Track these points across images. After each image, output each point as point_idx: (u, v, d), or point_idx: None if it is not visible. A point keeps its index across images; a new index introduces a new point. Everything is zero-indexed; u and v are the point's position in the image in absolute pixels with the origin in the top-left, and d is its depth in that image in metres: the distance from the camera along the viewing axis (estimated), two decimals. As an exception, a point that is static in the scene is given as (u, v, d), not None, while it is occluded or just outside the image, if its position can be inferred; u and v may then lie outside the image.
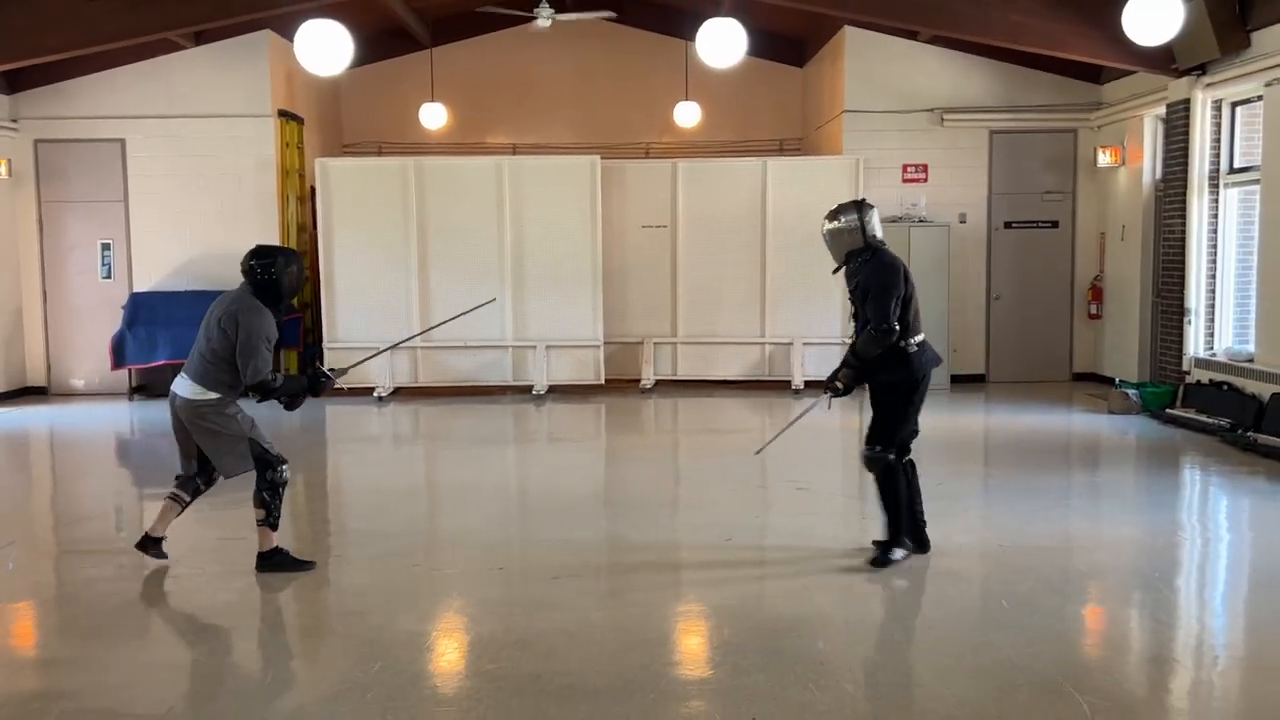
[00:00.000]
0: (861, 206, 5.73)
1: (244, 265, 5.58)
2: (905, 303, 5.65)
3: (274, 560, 5.66)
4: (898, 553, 5.71)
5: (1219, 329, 10.55)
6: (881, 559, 5.72)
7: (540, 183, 12.61)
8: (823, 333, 12.79)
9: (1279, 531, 6.74)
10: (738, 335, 12.95)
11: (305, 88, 13.58)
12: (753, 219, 12.80)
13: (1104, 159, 12.46)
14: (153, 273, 12.78)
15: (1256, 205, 9.91)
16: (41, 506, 8.10)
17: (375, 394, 12.33)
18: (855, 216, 5.68)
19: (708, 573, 5.82)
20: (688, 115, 14.14)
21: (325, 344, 12.69)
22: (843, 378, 5.78)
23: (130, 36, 11.04)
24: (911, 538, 5.81)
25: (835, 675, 4.31)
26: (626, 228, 12.95)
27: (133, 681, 4.35)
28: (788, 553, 6.16)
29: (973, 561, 6.03)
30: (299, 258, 5.74)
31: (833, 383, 5.81)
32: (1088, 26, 10.57)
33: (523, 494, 8.47)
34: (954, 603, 5.26)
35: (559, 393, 12.45)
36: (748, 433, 10.64)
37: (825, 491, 7.76)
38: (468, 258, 12.53)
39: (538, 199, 12.56)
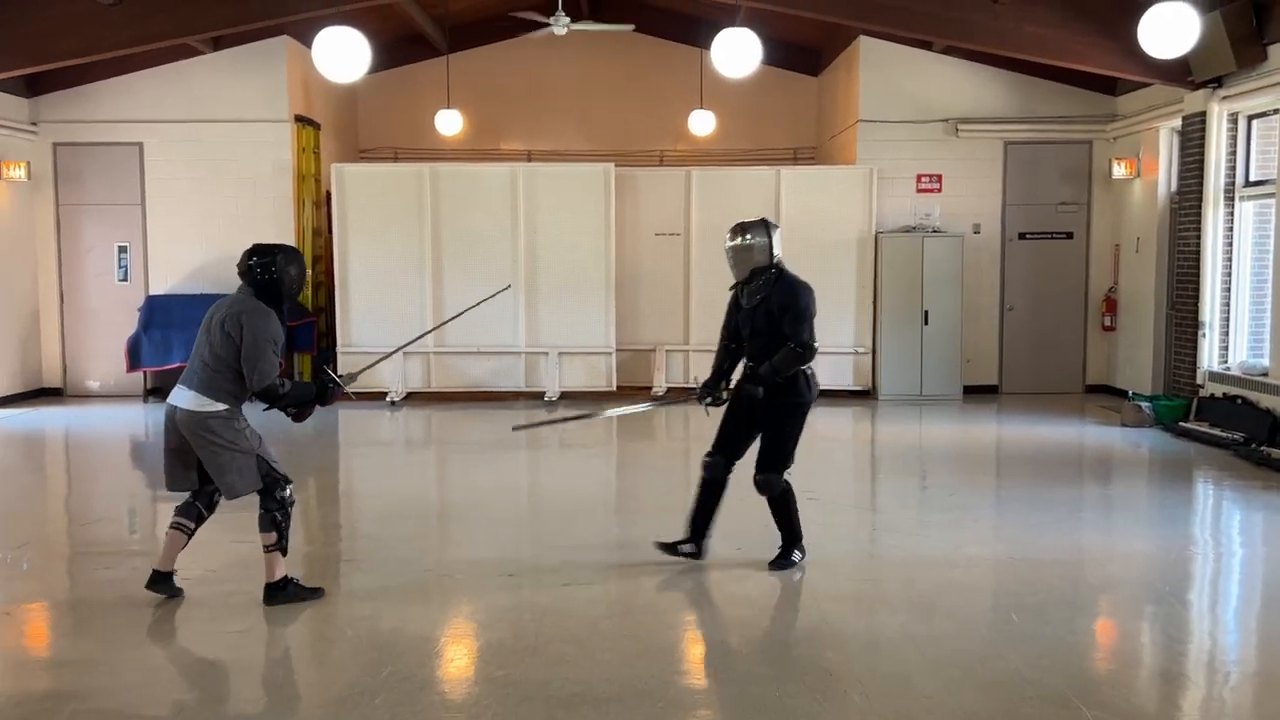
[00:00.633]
0: (769, 226, 5.80)
1: (242, 265, 5.24)
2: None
3: (286, 592, 5.29)
4: (797, 554, 5.90)
5: (1233, 342, 10.51)
6: (785, 562, 5.88)
7: (554, 190, 12.65)
8: (835, 342, 12.76)
9: (1292, 547, 6.71)
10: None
11: (322, 93, 13.65)
12: (766, 228, 12.78)
13: (1119, 171, 12.43)
14: (169, 276, 12.86)
15: (1272, 218, 9.89)
16: (55, 508, 8.15)
17: (388, 399, 12.37)
18: (764, 236, 5.73)
19: (717, 581, 5.82)
20: (702, 124, 14.16)
21: (339, 348, 12.74)
22: (749, 390, 5.71)
23: (149, 41, 11.13)
24: (699, 540, 6.00)
25: (844, 686, 4.31)
26: (640, 235, 12.97)
27: (144, 683, 4.38)
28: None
29: (983, 573, 6.02)
30: (299, 255, 5.45)
31: (745, 386, 5.74)
32: (1104, 38, 10.56)
33: (533, 500, 8.49)
34: (964, 615, 5.25)
35: (571, 399, 12.47)
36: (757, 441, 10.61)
37: (835, 502, 7.75)
38: (482, 264, 12.57)
39: (552, 206, 12.60)
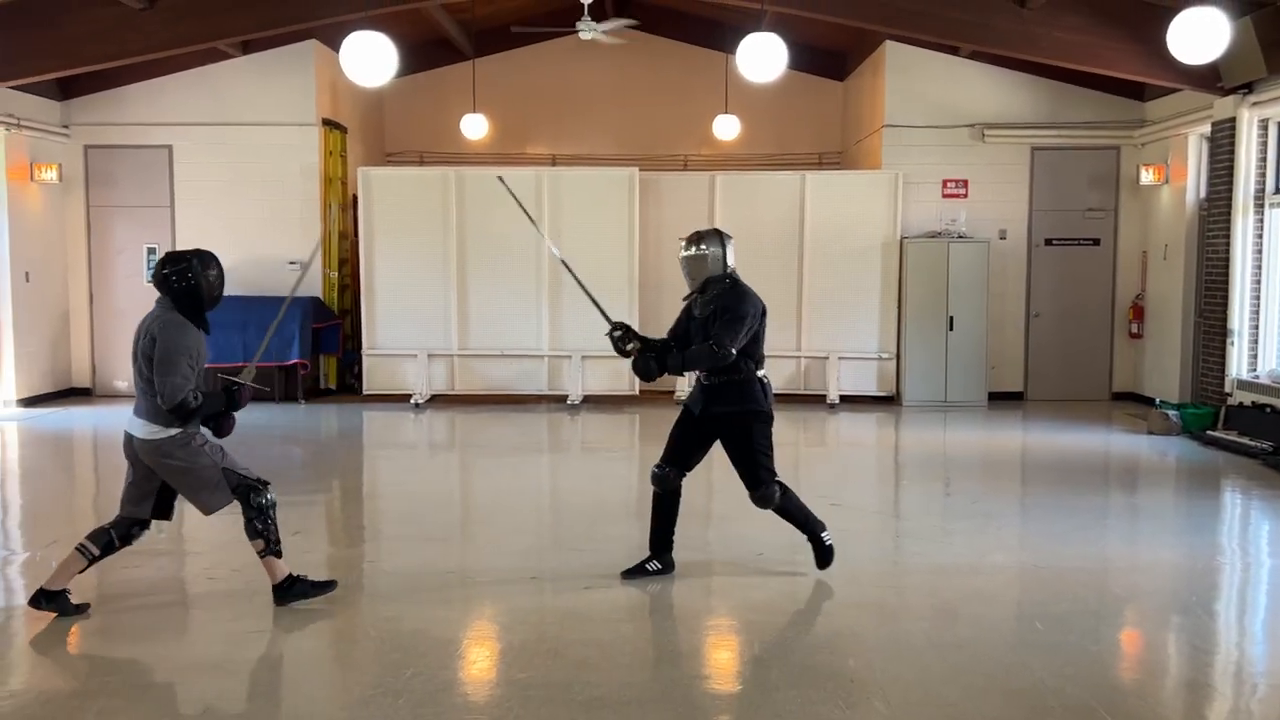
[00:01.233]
0: (722, 236, 5.79)
1: (156, 275, 5.07)
2: (757, 338, 5.79)
3: (293, 590, 5.25)
4: (826, 538, 5.86)
5: (1263, 350, 10.41)
6: (824, 555, 5.85)
7: (579, 194, 12.69)
8: (859, 348, 12.76)
9: (1321, 558, 6.63)
10: (773, 349, 12.66)
11: (349, 97, 13.74)
12: (791, 232, 12.79)
13: (1147, 177, 12.34)
14: (196, 277, 12.95)
15: (1303, 226, 9.79)
16: (83, 506, 8.23)
17: (412, 401, 12.43)
18: (718, 247, 5.75)
19: (739, 587, 5.82)
20: (727, 128, 14.16)
21: (364, 350, 12.83)
22: (642, 347, 5.73)
23: (180, 45, 11.24)
24: (663, 555, 5.88)
25: (866, 693, 4.30)
26: (663, 240, 12.96)
27: (170, 681, 4.42)
28: (819, 569, 6.15)
29: (1007, 582, 5.99)
30: (216, 260, 5.20)
31: (648, 355, 5.74)
32: (1132, 44, 10.49)
33: (556, 503, 8.50)
34: (987, 623, 5.22)
35: (593, 403, 12.49)
36: (781, 446, 10.59)
37: (858, 508, 7.73)
38: (506, 267, 12.62)
39: (576, 210, 12.64)
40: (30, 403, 12.26)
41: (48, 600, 5.15)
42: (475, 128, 14.07)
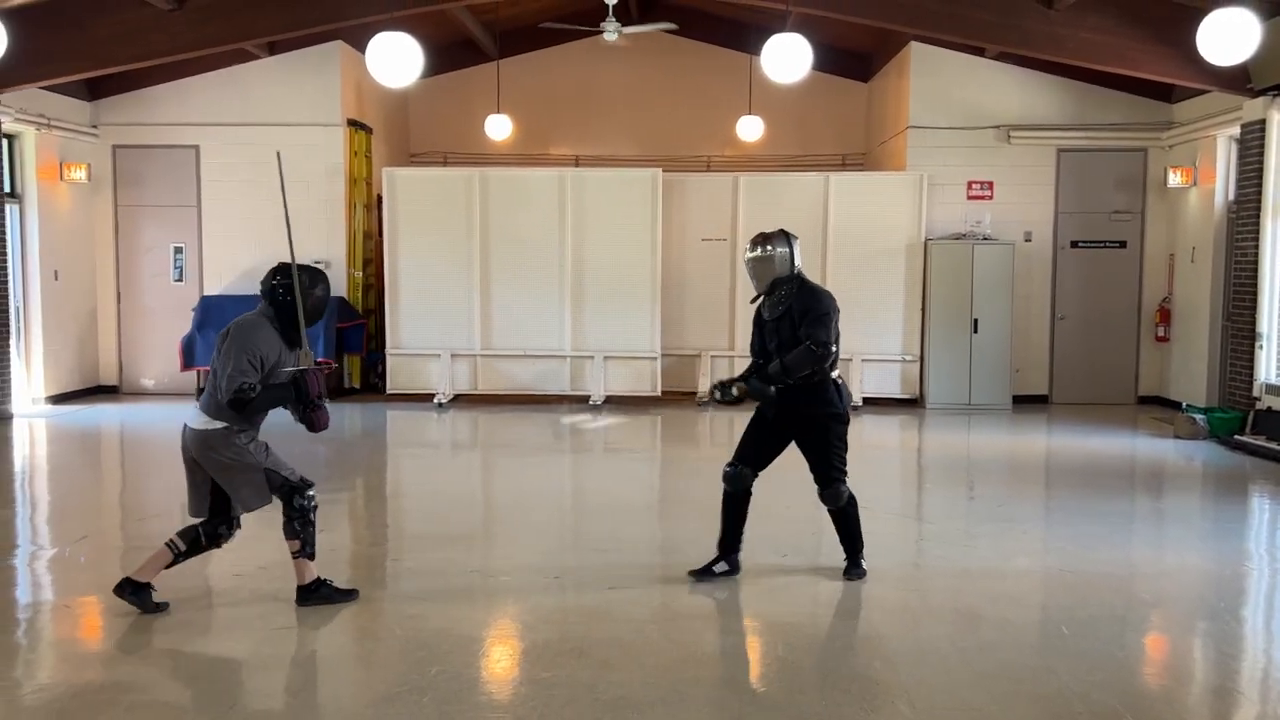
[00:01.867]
0: (789, 237, 5.76)
1: (265, 283, 5.18)
2: (836, 338, 5.70)
3: (318, 594, 5.30)
4: (858, 572, 5.83)
5: (1292, 355, 10.32)
6: (855, 571, 5.83)
7: (602, 195, 12.71)
8: (883, 350, 12.72)
9: (1351, 564, 6.56)
10: (796, 350, 12.89)
11: (374, 98, 13.81)
12: (814, 234, 12.74)
13: (1175, 179, 12.25)
14: (223, 276, 13.08)
15: (1333, 229, 9.69)
16: (111, 503, 8.31)
17: (435, 400, 12.48)
18: (785, 247, 5.70)
19: (762, 588, 5.80)
20: (750, 129, 14.14)
21: (388, 350, 12.89)
22: (755, 386, 5.70)
23: (207, 46, 11.34)
24: (731, 556, 5.88)
25: (890, 696, 4.29)
26: (687, 240, 12.99)
27: (198, 676, 4.45)
28: (843, 571, 6.13)
29: (1033, 586, 5.96)
30: (325, 279, 5.38)
31: (752, 380, 5.73)
32: (1161, 45, 10.42)
33: (579, 503, 8.51)
34: (1012, 627, 5.19)
35: (615, 403, 12.51)
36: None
37: (883, 510, 7.70)
38: (529, 268, 12.66)
39: (599, 211, 12.66)
40: (58, 400, 12.39)
41: (132, 591, 5.18)
42: (499, 129, 14.12)
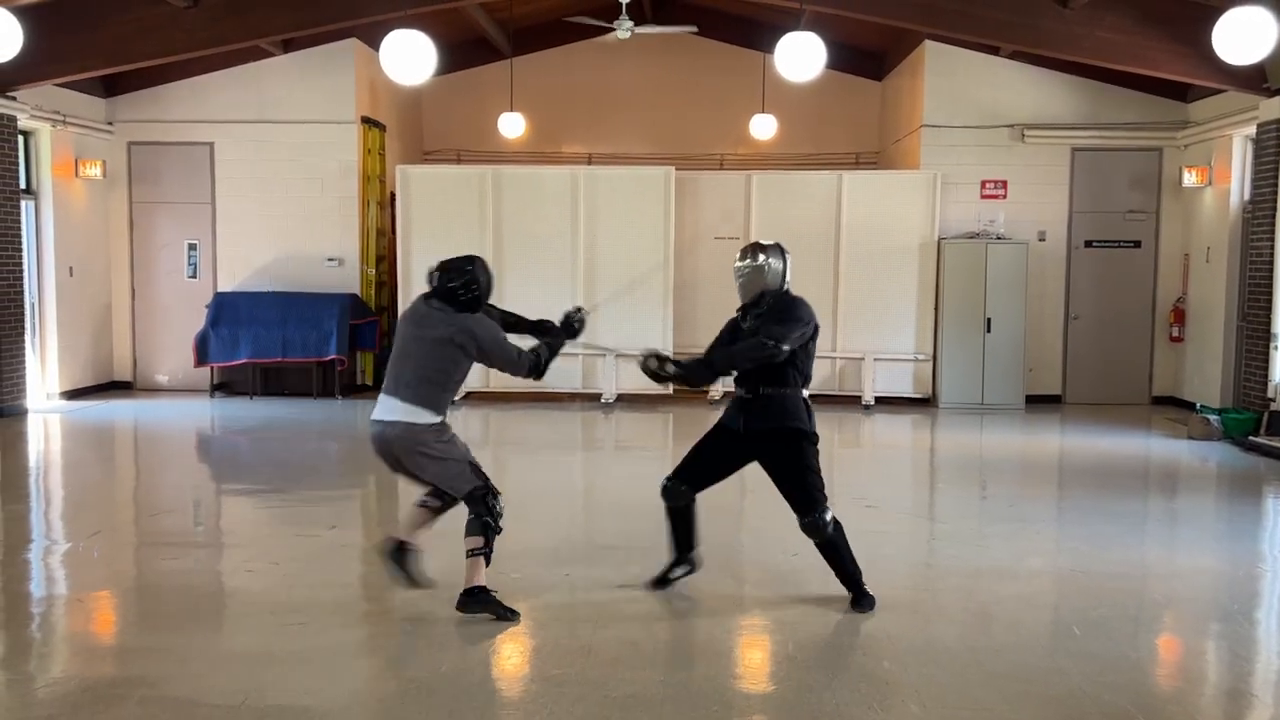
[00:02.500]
0: (783, 251, 5.54)
1: (441, 287, 5.28)
2: (808, 353, 5.39)
3: (477, 599, 5.12)
4: (867, 601, 5.34)
5: (1307, 356, 10.26)
6: (860, 607, 5.32)
7: (615, 193, 12.70)
8: (895, 349, 12.69)
9: (1367, 567, 6.52)
10: (808, 349, 12.87)
11: (388, 95, 13.84)
12: (827, 233, 12.74)
13: (1190, 179, 12.18)
14: (237, 273, 13.13)
15: (1350, 229, 9.62)
16: (124, 498, 8.35)
17: (447, 398, 12.50)
18: (780, 261, 5.48)
19: (772, 586, 5.80)
20: (763, 128, 14.11)
21: (400, 347, 12.90)
22: (684, 366, 5.41)
23: (222, 44, 11.38)
24: (686, 556, 5.61)
25: (901, 696, 4.28)
26: (699, 239, 12.97)
27: (209, 671, 4.47)
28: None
29: (1045, 586, 5.93)
30: (485, 265, 5.56)
31: (667, 364, 5.39)
32: (1176, 44, 10.36)
33: (590, 501, 8.52)
34: (1024, 628, 5.18)
35: (627, 401, 12.51)
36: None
37: (894, 510, 7.69)
38: (542, 265, 12.66)
39: (612, 209, 12.66)
40: (72, 395, 12.45)
41: (472, 598, 5.12)
42: (512, 126, 14.13)
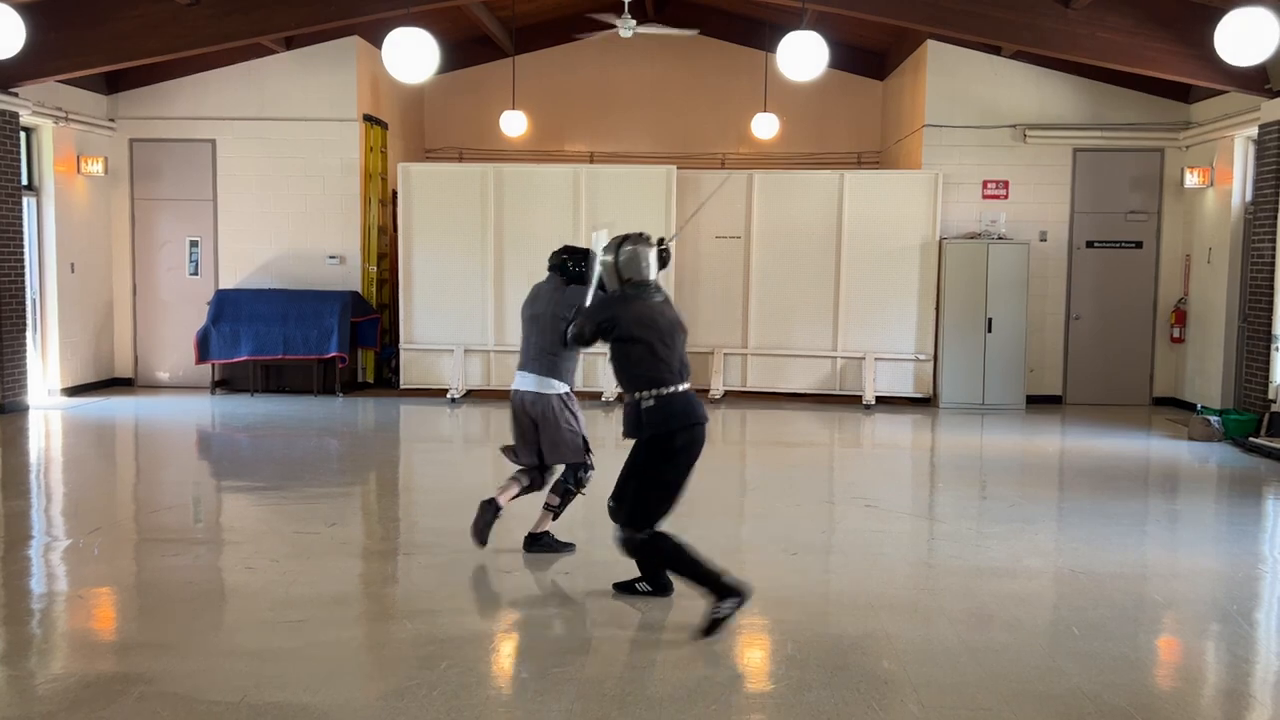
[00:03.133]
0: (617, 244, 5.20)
1: (554, 260, 6.37)
2: (625, 356, 5.00)
3: (541, 542, 6.25)
4: (726, 604, 4.88)
5: (1308, 357, 10.25)
6: (715, 620, 4.89)
7: (616, 191, 12.71)
8: (896, 348, 12.70)
9: (1366, 568, 6.52)
10: (809, 348, 12.90)
11: (390, 93, 13.84)
12: (828, 232, 12.74)
13: (1192, 180, 12.18)
14: (238, 270, 13.14)
15: (1352, 231, 9.62)
16: (125, 495, 8.35)
17: (448, 396, 12.51)
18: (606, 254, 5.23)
19: (772, 586, 5.80)
20: (765, 127, 14.12)
21: (401, 345, 12.93)
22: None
23: (225, 41, 11.38)
24: (725, 588, 4.93)
25: (900, 695, 4.28)
26: (700, 238, 12.98)
27: (208, 668, 4.47)
28: (853, 569, 6.13)
29: (1044, 586, 5.94)
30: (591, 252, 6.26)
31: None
32: (1178, 45, 10.36)
33: (589, 499, 8.50)
34: (1023, 627, 5.18)
35: (629, 400, 12.48)
36: (816, 446, 10.59)
37: (893, 509, 7.69)
38: (543, 264, 12.55)
39: (613, 207, 12.65)
40: (74, 392, 12.46)
41: (535, 541, 6.25)
42: (514, 124, 14.13)
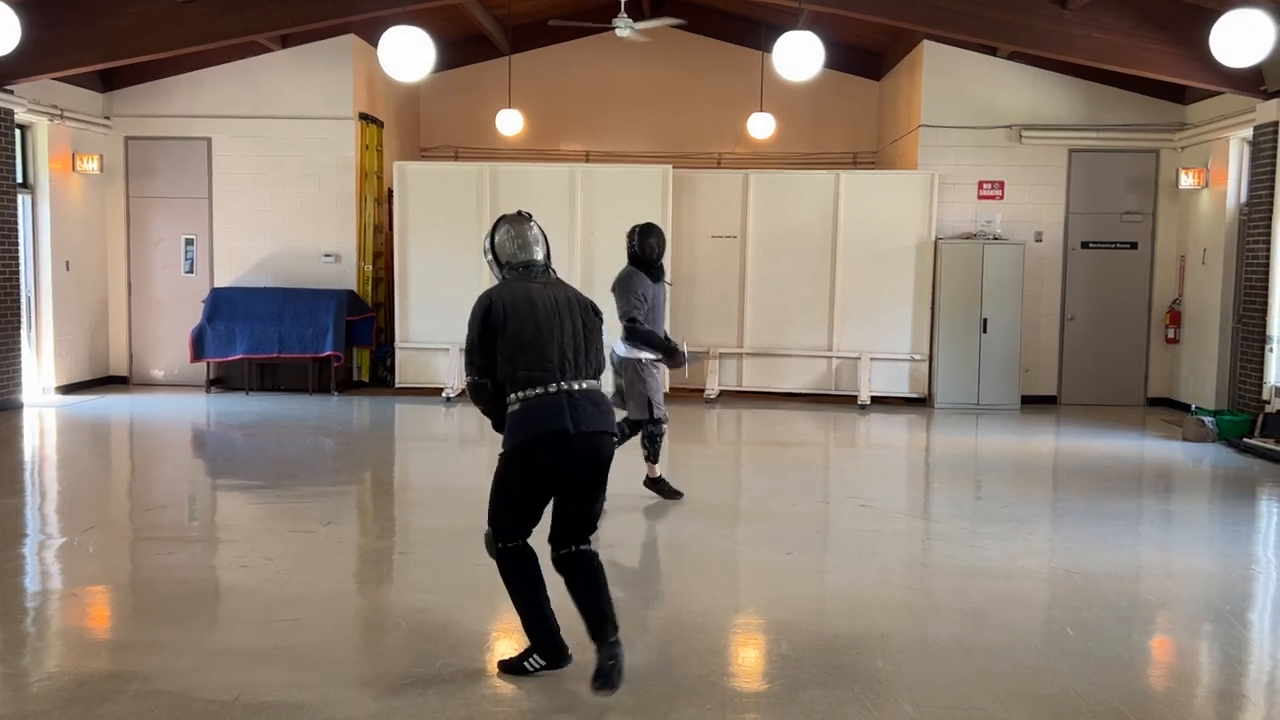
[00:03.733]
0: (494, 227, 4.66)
1: (627, 241, 7.42)
2: (520, 348, 4.29)
3: (658, 485, 7.49)
4: (533, 661, 4.39)
5: (1302, 358, 10.27)
6: (514, 665, 4.44)
7: (612, 191, 12.70)
8: (892, 348, 12.71)
9: (1359, 569, 6.54)
10: (805, 348, 12.91)
11: (386, 91, 13.83)
12: (824, 232, 12.75)
13: (1187, 181, 12.20)
14: (233, 268, 13.12)
15: (1346, 232, 9.64)
16: (119, 493, 8.34)
17: (444, 395, 12.50)
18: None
19: (767, 586, 5.81)
20: (761, 127, 14.13)
21: (397, 343, 12.92)
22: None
23: (220, 39, 11.37)
24: (542, 646, 4.40)
25: (894, 695, 4.29)
26: (696, 237, 12.98)
27: (203, 667, 4.47)
28: (848, 569, 6.14)
29: (1038, 586, 5.95)
30: (654, 230, 7.42)
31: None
32: (1174, 46, 10.38)
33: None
34: (1017, 628, 5.19)
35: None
36: (812, 446, 10.59)
37: (888, 509, 7.70)
38: (538, 263, 12.63)
39: (609, 207, 12.65)
40: (68, 390, 12.44)
41: (653, 484, 7.56)
42: (510, 123, 14.13)
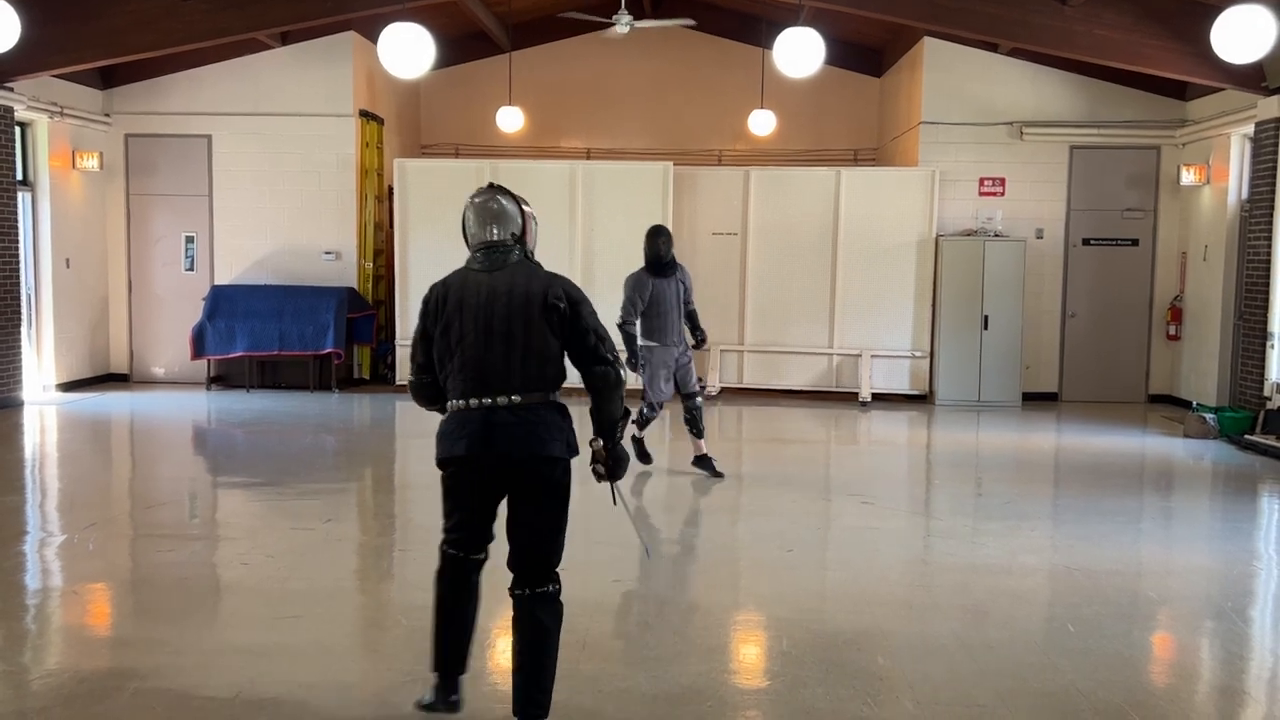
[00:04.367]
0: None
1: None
2: (448, 350, 3.95)
3: (703, 463, 8.25)
4: (430, 693, 4.04)
5: (1304, 355, 10.26)
6: (427, 703, 4.05)
7: (613, 188, 12.69)
8: (893, 345, 12.70)
9: (1361, 566, 6.53)
10: (805, 345, 12.90)
11: (386, 89, 13.82)
12: (825, 229, 12.74)
13: (1188, 177, 12.19)
14: (234, 266, 13.12)
15: (1347, 229, 9.62)
16: (120, 491, 8.34)
17: (444, 392, 12.49)
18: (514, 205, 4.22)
19: (767, 583, 5.81)
20: (762, 123, 14.11)
21: (398, 341, 12.91)
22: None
23: (220, 36, 11.36)
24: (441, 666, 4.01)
25: (895, 692, 4.28)
26: (697, 234, 12.97)
27: (203, 665, 4.47)
28: (849, 566, 6.14)
29: (1039, 583, 5.95)
30: (660, 231, 8.25)
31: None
32: (1175, 42, 10.36)
33: (583, 496, 8.49)
34: (1018, 624, 5.18)
35: (626, 396, 12.47)
36: (813, 443, 10.59)
37: (889, 506, 7.69)
38: (539, 259, 12.62)
39: (610, 204, 12.65)
40: (69, 387, 12.43)
41: (700, 461, 8.31)
42: (511, 120, 14.11)
